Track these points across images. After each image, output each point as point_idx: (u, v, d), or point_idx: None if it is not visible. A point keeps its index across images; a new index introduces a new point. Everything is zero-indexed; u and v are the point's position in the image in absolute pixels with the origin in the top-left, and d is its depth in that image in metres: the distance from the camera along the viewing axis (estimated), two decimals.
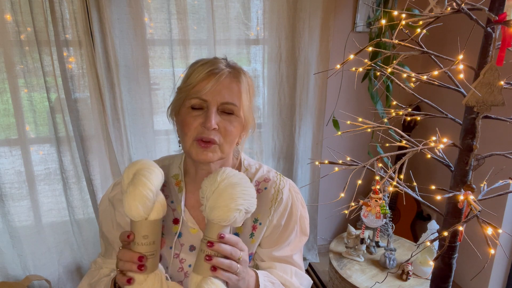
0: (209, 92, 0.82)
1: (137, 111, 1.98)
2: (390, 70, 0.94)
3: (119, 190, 0.94)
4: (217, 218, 0.74)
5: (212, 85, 0.81)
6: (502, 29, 0.77)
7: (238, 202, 0.75)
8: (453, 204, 0.97)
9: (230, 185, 0.76)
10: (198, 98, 0.82)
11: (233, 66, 0.88)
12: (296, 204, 0.98)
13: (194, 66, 0.86)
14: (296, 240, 1.00)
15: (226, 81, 0.84)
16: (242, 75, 0.87)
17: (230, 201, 0.74)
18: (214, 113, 0.82)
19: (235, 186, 0.76)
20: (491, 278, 2.05)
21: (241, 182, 0.77)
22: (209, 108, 0.82)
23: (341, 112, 2.19)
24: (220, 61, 0.87)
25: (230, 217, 0.74)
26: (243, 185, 0.77)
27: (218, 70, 0.83)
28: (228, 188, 0.75)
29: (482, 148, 0.93)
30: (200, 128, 0.82)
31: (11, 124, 1.84)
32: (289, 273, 0.97)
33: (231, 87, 0.84)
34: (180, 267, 0.91)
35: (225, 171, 0.79)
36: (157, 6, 1.88)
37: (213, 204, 0.75)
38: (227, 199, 0.74)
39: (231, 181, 0.77)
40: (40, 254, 2.03)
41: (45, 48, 1.73)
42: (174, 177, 0.95)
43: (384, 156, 0.95)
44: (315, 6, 2.03)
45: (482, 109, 0.83)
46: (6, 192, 1.90)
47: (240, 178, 0.78)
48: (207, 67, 0.83)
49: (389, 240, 2.07)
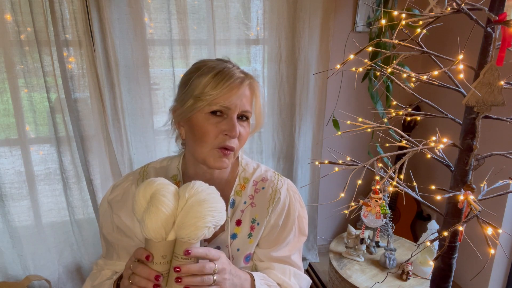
0: (231, 99, 0.82)
1: (137, 111, 1.98)
2: (390, 70, 0.94)
3: (117, 193, 0.94)
4: (186, 237, 0.72)
5: (237, 96, 0.82)
6: (502, 29, 0.77)
7: (206, 220, 0.72)
8: (453, 204, 0.97)
9: (197, 202, 0.73)
10: (221, 105, 0.82)
11: (247, 73, 0.89)
12: (294, 204, 0.98)
13: (207, 73, 0.83)
14: (295, 240, 1.00)
15: (246, 88, 0.85)
16: (255, 81, 0.89)
17: (197, 220, 0.72)
18: (236, 121, 0.84)
19: (202, 203, 0.73)
20: (491, 278, 2.05)
21: (209, 198, 0.75)
22: (231, 116, 0.83)
23: (341, 112, 2.19)
24: (233, 68, 0.86)
25: (199, 235, 0.72)
26: (211, 202, 0.74)
27: (240, 80, 0.84)
28: (195, 205, 0.73)
29: (482, 148, 0.93)
30: (222, 136, 0.83)
31: (11, 124, 1.84)
32: (288, 274, 0.97)
33: (250, 95, 0.87)
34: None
35: (194, 186, 0.76)
36: (157, 6, 1.88)
37: (181, 222, 0.72)
38: (195, 217, 0.72)
39: (199, 198, 0.74)
40: (40, 254, 2.03)
41: (45, 48, 1.73)
42: (172, 178, 0.95)
43: (384, 156, 0.95)
44: (315, 6, 2.03)
45: (482, 109, 0.83)
46: (6, 192, 1.90)
47: (208, 194, 0.76)
48: (228, 77, 0.83)
49: (389, 240, 2.07)
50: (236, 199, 0.95)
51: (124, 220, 0.92)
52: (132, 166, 2.04)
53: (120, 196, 0.94)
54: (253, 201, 0.95)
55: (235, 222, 0.93)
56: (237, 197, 0.95)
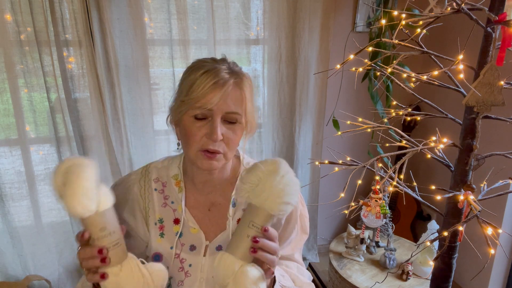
0: (212, 102, 0.80)
1: (137, 111, 1.97)
2: (390, 70, 0.94)
3: (119, 192, 0.94)
4: (275, 209, 0.75)
5: (219, 97, 0.80)
6: (502, 29, 0.77)
7: (294, 198, 0.76)
8: (453, 204, 0.97)
9: (292, 181, 0.77)
10: (204, 108, 0.80)
11: (236, 73, 0.85)
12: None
13: (195, 73, 0.82)
14: (297, 239, 1.00)
15: (231, 90, 0.82)
16: (245, 80, 0.85)
17: (290, 197, 0.75)
18: (220, 124, 0.81)
19: (296, 184, 0.77)
20: (491, 278, 2.05)
21: (296, 179, 0.79)
22: (214, 118, 0.81)
23: (341, 112, 2.19)
24: (221, 68, 0.83)
25: (285, 210, 0.76)
26: (296, 182, 0.78)
27: (224, 80, 0.81)
28: (291, 183, 0.76)
29: (482, 148, 0.92)
30: (205, 139, 0.82)
31: (11, 124, 1.84)
32: (294, 269, 0.98)
33: (236, 97, 0.83)
34: (180, 267, 0.91)
35: (286, 166, 0.78)
36: (157, 6, 1.88)
37: (274, 194, 0.74)
38: (288, 195, 0.75)
39: (292, 178, 0.77)
40: (40, 254, 2.03)
41: (45, 48, 1.73)
42: (174, 177, 0.95)
43: (384, 156, 0.95)
44: (315, 6, 2.03)
45: (482, 109, 0.83)
46: (6, 192, 1.89)
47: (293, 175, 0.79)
48: (211, 77, 0.80)
49: (389, 240, 2.07)
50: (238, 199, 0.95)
51: (126, 219, 0.93)
52: (132, 166, 2.04)
53: (122, 195, 0.94)
54: None
55: (237, 221, 0.93)
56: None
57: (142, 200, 0.93)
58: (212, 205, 0.95)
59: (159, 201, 0.94)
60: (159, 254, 0.92)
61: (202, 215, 0.94)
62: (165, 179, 0.95)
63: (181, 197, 0.93)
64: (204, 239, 0.92)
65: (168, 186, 0.95)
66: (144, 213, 0.93)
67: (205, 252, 0.92)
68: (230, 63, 0.88)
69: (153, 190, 0.94)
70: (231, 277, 0.73)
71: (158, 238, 0.92)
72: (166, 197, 0.94)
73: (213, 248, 0.92)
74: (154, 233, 0.92)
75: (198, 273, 0.91)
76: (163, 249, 0.91)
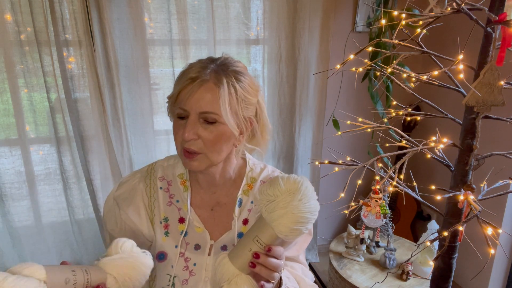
0: (187, 102, 0.79)
1: (137, 111, 1.98)
2: (390, 70, 0.94)
3: (124, 190, 0.94)
4: (283, 232, 0.71)
5: (190, 94, 0.79)
6: (502, 29, 0.77)
7: (307, 227, 0.73)
8: (453, 204, 0.97)
9: (309, 209, 0.72)
10: (180, 108, 0.81)
11: (218, 71, 0.81)
12: None
13: (181, 72, 0.84)
14: (302, 240, 1.00)
15: (204, 89, 0.79)
16: (225, 79, 0.80)
17: (302, 226, 0.72)
18: (192, 123, 0.80)
19: (313, 211, 0.73)
20: (491, 278, 2.05)
21: (316, 207, 0.74)
22: (188, 118, 0.81)
23: (341, 112, 2.19)
24: (206, 65, 0.81)
25: (294, 236, 0.73)
26: (315, 210, 0.74)
27: (198, 77, 0.79)
28: (307, 211, 0.72)
29: (482, 148, 0.92)
30: (181, 138, 0.82)
31: (11, 124, 1.84)
32: (299, 270, 0.98)
33: (209, 96, 0.79)
34: (185, 266, 0.91)
35: (307, 189, 0.73)
36: (157, 6, 1.88)
37: (286, 217, 0.71)
38: (301, 222, 0.72)
39: (311, 205, 0.73)
40: (40, 254, 2.03)
41: (45, 48, 1.73)
42: (179, 176, 0.95)
43: (384, 156, 0.95)
44: (315, 6, 2.03)
45: (482, 109, 0.83)
46: (6, 192, 1.89)
47: (315, 202, 0.75)
48: (188, 76, 0.80)
49: (389, 240, 2.07)
50: (243, 199, 0.95)
51: (132, 217, 0.92)
52: (132, 166, 2.04)
53: (127, 193, 0.94)
54: None
55: (242, 221, 0.93)
56: (244, 196, 0.95)
57: (147, 198, 0.94)
58: (217, 205, 0.95)
59: (164, 199, 0.94)
60: (164, 253, 0.92)
61: (207, 214, 0.94)
62: (170, 178, 0.95)
63: (187, 196, 0.93)
64: (209, 238, 0.92)
65: (173, 185, 0.95)
66: (149, 211, 0.93)
67: (210, 251, 0.92)
68: (226, 61, 0.85)
69: (159, 189, 0.94)
70: (226, 284, 0.74)
71: (163, 236, 0.92)
72: (171, 195, 0.94)
73: (218, 248, 0.92)
74: (159, 232, 0.92)
75: (203, 272, 0.91)
76: (167, 247, 0.92)
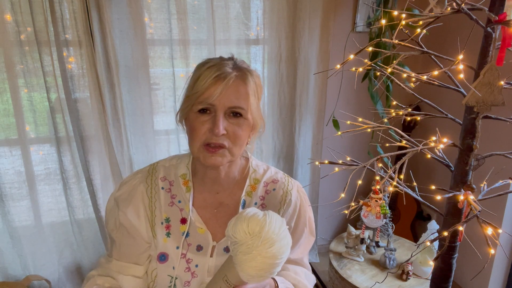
0: (218, 98, 0.80)
1: (137, 111, 1.97)
2: (390, 70, 0.94)
3: (125, 190, 0.94)
4: (247, 277, 0.70)
5: (220, 91, 0.80)
6: (502, 29, 0.77)
7: (273, 272, 0.70)
8: (453, 204, 0.96)
9: (274, 255, 0.69)
10: (209, 103, 0.81)
11: (240, 68, 0.85)
12: (304, 205, 0.98)
13: (201, 68, 0.84)
14: (306, 242, 1.00)
15: (234, 85, 0.82)
16: (249, 76, 0.85)
17: (264, 272, 0.69)
18: (222, 118, 0.81)
19: (276, 256, 0.69)
20: (491, 278, 2.05)
21: (282, 249, 0.70)
22: (216, 113, 0.81)
23: (341, 112, 2.19)
24: (226, 63, 0.84)
25: (258, 280, 0.71)
26: (281, 254, 0.70)
27: (225, 74, 0.81)
28: (272, 257, 0.68)
29: (482, 148, 0.92)
30: (208, 133, 0.82)
31: (11, 124, 1.84)
32: (302, 275, 0.97)
33: (239, 91, 0.83)
34: (187, 267, 0.91)
35: (270, 229, 0.69)
36: (157, 6, 1.88)
37: (250, 262, 0.68)
38: (263, 268, 0.69)
39: (278, 249, 0.69)
40: (40, 254, 2.03)
41: (45, 48, 1.73)
42: (182, 176, 0.95)
43: (384, 156, 0.95)
44: (315, 6, 2.03)
45: (482, 109, 0.83)
46: (6, 192, 1.89)
47: (281, 243, 0.70)
48: (214, 71, 0.81)
49: (389, 240, 2.07)
50: (247, 200, 0.94)
51: (130, 218, 0.91)
52: (132, 166, 2.04)
53: (127, 194, 0.93)
54: (264, 202, 0.95)
55: None
56: (247, 197, 0.95)
57: (148, 199, 0.92)
58: (219, 206, 0.94)
59: (166, 200, 0.93)
60: (165, 254, 0.91)
61: (210, 215, 0.93)
62: (172, 178, 0.95)
63: (189, 197, 0.92)
64: (211, 239, 0.91)
65: (175, 185, 0.94)
66: (149, 212, 0.92)
67: (212, 252, 0.91)
68: (237, 60, 0.88)
69: (160, 189, 0.93)
70: None
71: (164, 237, 0.91)
72: (173, 196, 0.93)
73: (220, 249, 0.92)
74: (160, 233, 0.91)
75: (205, 273, 0.90)
76: (169, 249, 0.91)
